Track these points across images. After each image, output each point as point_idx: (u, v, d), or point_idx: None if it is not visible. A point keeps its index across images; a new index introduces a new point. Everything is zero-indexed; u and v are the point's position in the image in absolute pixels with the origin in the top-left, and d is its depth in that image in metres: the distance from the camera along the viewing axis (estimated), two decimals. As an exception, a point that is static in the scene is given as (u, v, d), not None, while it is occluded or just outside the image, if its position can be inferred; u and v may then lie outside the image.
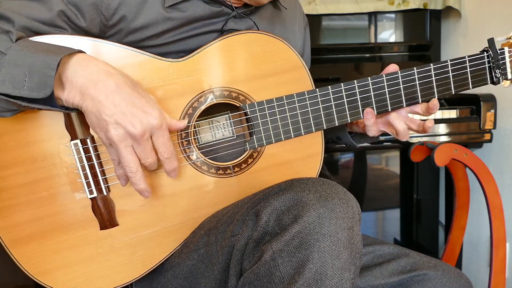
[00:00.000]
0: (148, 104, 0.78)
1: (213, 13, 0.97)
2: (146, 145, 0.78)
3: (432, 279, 0.99)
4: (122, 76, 0.78)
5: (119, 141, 0.77)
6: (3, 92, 0.73)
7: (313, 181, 0.78)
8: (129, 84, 0.77)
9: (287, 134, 0.96)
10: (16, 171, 0.84)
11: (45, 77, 0.72)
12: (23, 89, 0.73)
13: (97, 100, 0.75)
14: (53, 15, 0.84)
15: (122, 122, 0.75)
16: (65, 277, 0.88)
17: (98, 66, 0.77)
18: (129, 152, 0.78)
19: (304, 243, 0.71)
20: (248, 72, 0.95)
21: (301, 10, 1.22)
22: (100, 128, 0.77)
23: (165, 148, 0.81)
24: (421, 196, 2.10)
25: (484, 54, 1.01)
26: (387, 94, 0.99)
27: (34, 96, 0.73)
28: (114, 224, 0.89)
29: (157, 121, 0.78)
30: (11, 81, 0.73)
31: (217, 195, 0.95)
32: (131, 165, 0.79)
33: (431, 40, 1.98)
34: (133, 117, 0.76)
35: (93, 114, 0.76)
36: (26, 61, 0.73)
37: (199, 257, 0.88)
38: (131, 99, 0.76)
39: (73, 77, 0.75)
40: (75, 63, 0.76)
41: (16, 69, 0.73)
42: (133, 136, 0.77)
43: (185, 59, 0.92)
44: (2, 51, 0.73)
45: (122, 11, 0.88)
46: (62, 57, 0.73)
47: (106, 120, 0.75)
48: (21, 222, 0.85)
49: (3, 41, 0.74)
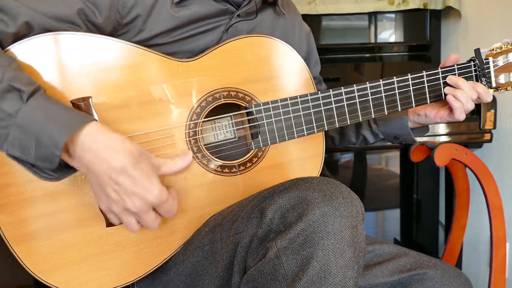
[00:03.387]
0: (149, 182, 0.78)
1: (219, 11, 0.99)
2: (147, 218, 0.81)
3: (431, 278, 1.00)
4: (127, 154, 0.77)
5: (120, 213, 0.80)
6: (12, 154, 0.73)
7: (318, 180, 0.79)
8: (133, 162, 0.77)
9: (290, 135, 0.98)
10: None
11: (51, 155, 0.73)
12: (30, 156, 0.73)
13: (101, 177, 0.77)
14: (73, 13, 0.84)
15: (123, 200, 0.78)
16: (69, 275, 0.87)
17: (106, 142, 0.76)
18: (130, 220, 0.82)
19: (308, 241, 0.71)
20: (253, 74, 0.98)
21: (300, 18, 1.25)
22: (101, 200, 0.81)
23: (170, 214, 0.84)
24: (421, 196, 2.10)
25: (471, 63, 1.07)
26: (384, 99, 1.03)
27: (41, 166, 0.74)
28: (120, 222, 0.89)
29: (157, 199, 0.79)
30: (20, 146, 0.72)
31: (222, 193, 0.96)
32: (132, 229, 0.83)
33: (431, 40, 1.98)
34: (134, 196, 0.77)
35: (97, 186, 0.79)
36: (34, 130, 0.72)
37: (204, 254, 0.89)
38: (133, 179, 0.77)
39: (80, 153, 0.75)
40: (84, 138, 0.75)
41: (24, 135, 0.72)
42: (133, 212, 0.79)
43: (195, 59, 0.94)
44: (11, 113, 0.71)
45: (137, 10, 0.90)
46: (69, 136, 0.73)
47: (108, 195, 0.78)
48: (26, 218, 0.84)
49: (14, 101, 0.72)
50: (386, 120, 1.17)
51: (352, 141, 1.26)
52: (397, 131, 1.17)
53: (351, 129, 1.25)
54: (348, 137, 1.27)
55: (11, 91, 0.72)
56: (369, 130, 1.22)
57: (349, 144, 1.28)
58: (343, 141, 1.29)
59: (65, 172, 0.78)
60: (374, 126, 1.20)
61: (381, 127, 1.19)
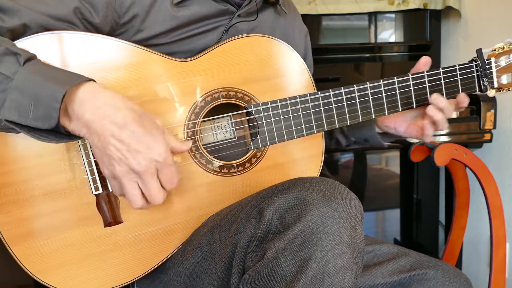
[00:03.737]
0: (153, 140, 0.76)
1: (219, 11, 0.99)
2: (152, 182, 0.77)
3: (431, 279, 1.00)
4: (129, 111, 0.76)
5: (123, 176, 0.76)
6: (10, 119, 0.72)
7: (316, 180, 0.78)
8: (136, 119, 0.75)
9: (290, 135, 0.97)
10: (20, 167, 0.84)
11: (50, 110, 0.71)
12: (28, 118, 0.71)
13: (103, 137, 0.74)
14: (69, 12, 0.84)
15: (127, 159, 0.75)
16: (67, 275, 0.87)
17: (105, 100, 0.75)
18: (133, 187, 0.78)
19: (307, 242, 0.71)
20: (253, 74, 0.97)
21: (300, 18, 1.24)
22: (103, 162, 0.77)
23: (171, 184, 0.80)
24: (421, 196, 2.10)
25: (473, 64, 1.07)
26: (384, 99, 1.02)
27: (39, 126, 0.72)
28: (118, 222, 0.89)
29: (162, 158, 0.76)
30: (17, 108, 0.71)
31: (221, 193, 0.96)
32: (136, 200, 0.78)
33: (431, 40, 1.98)
34: (137, 154, 0.75)
35: (98, 149, 0.76)
36: (32, 89, 0.71)
37: (203, 255, 0.88)
38: (136, 136, 0.75)
39: (79, 110, 0.73)
40: (82, 96, 0.74)
41: (22, 96, 0.71)
42: (137, 172, 0.76)
43: (194, 59, 0.94)
44: (9, 76, 0.71)
45: (134, 9, 0.89)
46: (68, 89, 0.72)
47: (111, 156, 0.75)
48: (24, 218, 0.84)
49: (10, 64, 0.72)
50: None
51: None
52: (366, 134, 1.16)
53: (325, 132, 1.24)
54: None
55: (8, 55, 0.73)
56: (341, 133, 1.22)
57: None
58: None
59: (64, 137, 0.76)
60: (345, 129, 1.21)
61: (351, 130, 1.20)
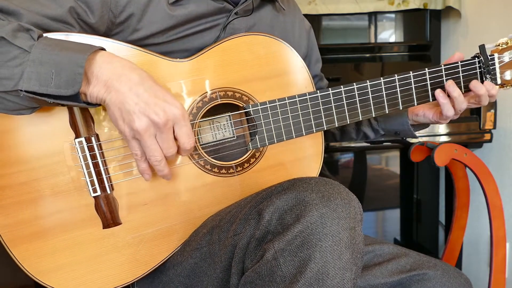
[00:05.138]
0: (169, 95, 0.80)
1: (216, 9, 0.98)
2: (168, 134, 0.80)
3: (431, 279, 1.00)
4: (143, 72, 0.80)
5: (143, 131, 0.78)
6: (30, 89, 0.73)
7: (316, 180, 0.78)
8: (149, 79, 0.80)
9: (288, 135, 0.97)
10: (19, 169, 0.84)
11: (74, 75, 0.74)
12: (50, 86, 0.73)
13: (121, 92, 0.76)
14: (64, 12, 0.84)
15: (146, 111, 0.77)
16: (67, 277, 0.87)
17: (121, 62, 0.79)
18: (154, 142, 0.80)
19: (306, 243, 0.71)
20: (251, 73, 0.96)
21: (301, 15, 1.23)
22: (123, 120, 0.78)
23: (188, 139, 0.82)
24: (421, 196, 2.10)
25: (476, 60, 1.05)
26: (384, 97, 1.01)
27: (62, 93, 0.74)
28: (117, 223, 0.89)
29: (180, 111, 0.79)
30: (37, 78, 0.73)
31: (220, 194, 0.95)
32: (156, 154, 0.80)
33: (431, 40, 1.98)
34: (156, 106, 0.77)
35: (117, 106, 0.77)
36: (52, 59, 0.73)
37: (202, 256, 0.88)
38: (153, 90, 0.78)
39: (98, 72, 0.77)
40: (100, 59, 0.77)
41: (41, 67, 0.73)
42: (157, 125, 0.78)
43: (190, 59, 0.93)
44: (26, 49, 0.73)
45: (130, 9, 0.89)
46: (89, 55, 0.75)
47: (130, 111, 0.77)
48: (23, 220, 0.84)
49: (25, 39, 0.74)
50: (386, 116, 1.17)
51: (353, 137, 1.27)
52: (397, 127, 1.17)
53: (352, 125, 1.25)
54: (349, 134, 1.27)
55: (21, 31, 0.75)
56: (369, 127, 1.22)
57: (350, 140, 1.29)
58: (343, 137, 1.29)
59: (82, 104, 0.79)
60: (375, 123, 1.21)
61: (381, 123, 1.20)
